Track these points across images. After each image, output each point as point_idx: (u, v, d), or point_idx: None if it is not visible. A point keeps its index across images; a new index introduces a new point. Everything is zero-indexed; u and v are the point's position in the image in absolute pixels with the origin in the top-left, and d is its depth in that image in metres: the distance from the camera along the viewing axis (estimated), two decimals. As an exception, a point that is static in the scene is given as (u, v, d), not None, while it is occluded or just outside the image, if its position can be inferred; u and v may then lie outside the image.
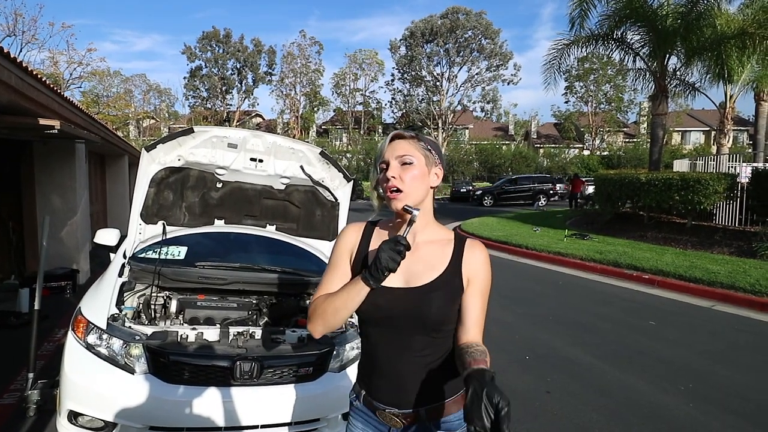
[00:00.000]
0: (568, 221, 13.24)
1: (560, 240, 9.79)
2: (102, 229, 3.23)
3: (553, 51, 12.52)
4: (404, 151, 1.13)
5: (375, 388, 1.16)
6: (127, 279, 2.67)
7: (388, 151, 1.13)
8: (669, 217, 10.25)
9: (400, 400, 1.13)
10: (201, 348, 2.22)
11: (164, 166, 2.89)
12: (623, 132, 40.06)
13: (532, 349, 4.12)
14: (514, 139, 43.65)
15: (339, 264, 1.19)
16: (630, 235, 9.91)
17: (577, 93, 39.30)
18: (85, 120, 6.47)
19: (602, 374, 3.62)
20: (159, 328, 2.36)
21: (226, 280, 2.68)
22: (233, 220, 3.28)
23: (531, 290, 6.46)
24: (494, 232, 11.48)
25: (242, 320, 2.66)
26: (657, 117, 11.67)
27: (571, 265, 7.95)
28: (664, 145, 15.50)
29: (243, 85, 42.84)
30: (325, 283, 1.17)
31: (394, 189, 1.11)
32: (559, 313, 5.27)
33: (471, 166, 37.46)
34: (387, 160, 1.13)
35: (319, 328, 1.12)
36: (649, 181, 9.61)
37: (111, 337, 2.19)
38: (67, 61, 24.91)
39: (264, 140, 2.86)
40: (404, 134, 1.16)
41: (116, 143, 9.44)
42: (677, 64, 12.05)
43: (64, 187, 6.46)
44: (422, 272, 1.13)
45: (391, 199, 1.11)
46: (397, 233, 1.12)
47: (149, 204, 2.99)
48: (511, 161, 36.07)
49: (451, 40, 36.29)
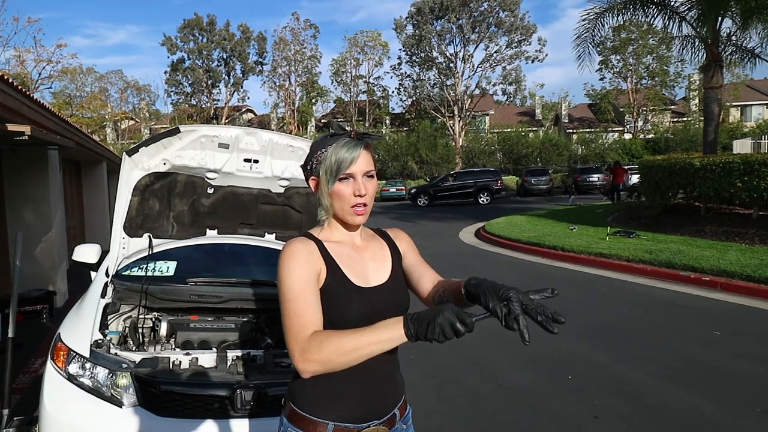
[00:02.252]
0: (609, 217, 13.09)
1: (602, 239, 9.69)
2: (81, 244, 3.28)
3: (585, 21, 12.44)
4: (369, 164, 1.24)
5: (357, 407, 1.20)
6: (110, 300, 2.70)
7: (358, 162, 1.21)
8: (731, 208, 10.07)
9: (386, 406, 1.24)
10: (196, 375, 2.24)
11: (148, 171, 2.93)
12: (670, 110, 39.54)
13: (573, 367, 4.08)
14: (542, 125, 43.40)
15: (311, 291, 1.16)
16: (684, 230, 9.76)
17: (614, 68, 38.92)
18: (57, 124, 6.59)
19: (659, 395, 3.56)
20: (148, 354, 2.38)
21: (222, 298, 2.70)
22: (227, 229, 3.31)
23: (570, 298, 6.39)
24: (524, 232, 11.40)
25: (241, 343, 2.67)
26: (710, 91, 11.49)
27: (615, 268, 7.86)
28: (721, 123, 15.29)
29: (231, 77, 43.37)
30: (303, 315, 1.12)
31: (363, 205, 1.23)
32: (603, 324, 5.21)
33: (493, 157, 37.32)
34: (353, 173, 1.21)
35: (316, 367, 1.07)
36: (704, 166, 9.46)
37: (95, 365, 2.22)
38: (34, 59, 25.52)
39: (259, 138, 2.89)
40: (369, 142, 1.25)
41: (93, 148, 9.60)
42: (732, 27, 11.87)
43: (36, 200, 6.59)
44: (381, 266, 1.31)
45: (357, 215, 1.23)
46: (467, 314, 1.01)
47: (133, 215, 3.03)
48: (539, 150, 35.85)
49: (465, 14, 36.25)
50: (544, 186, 26.39)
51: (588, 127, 40.37)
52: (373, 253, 1.33)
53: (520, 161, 35.93)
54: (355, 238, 1.31)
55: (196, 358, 2.37)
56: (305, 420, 1.20)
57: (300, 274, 1.16)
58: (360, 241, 1.32)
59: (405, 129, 41.81)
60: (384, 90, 45.10)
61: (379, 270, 1.30)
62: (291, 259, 1.17)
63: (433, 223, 16.55)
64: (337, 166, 1.20)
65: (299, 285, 1.15)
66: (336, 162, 1.20)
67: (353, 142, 1.21)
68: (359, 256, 1.29)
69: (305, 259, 1.18)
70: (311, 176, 1.28)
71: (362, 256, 1.30)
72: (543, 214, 15.46)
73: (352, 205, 1.22)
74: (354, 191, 1.22)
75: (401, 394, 1.31)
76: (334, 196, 1.22)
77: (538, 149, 35.91)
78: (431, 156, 35.79)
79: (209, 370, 2.30)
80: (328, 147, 1.22)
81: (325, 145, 1.23)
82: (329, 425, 1.19)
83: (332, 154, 1.21)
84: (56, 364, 2.28)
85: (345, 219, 1.25)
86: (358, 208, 1.23)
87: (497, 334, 4.83)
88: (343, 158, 1.20)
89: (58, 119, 6.66)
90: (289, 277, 1.16)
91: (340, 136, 1.23)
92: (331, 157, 1.21)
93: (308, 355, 1.07)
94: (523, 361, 4.25)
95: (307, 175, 1.30)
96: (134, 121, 42.51)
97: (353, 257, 1.27)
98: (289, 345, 1.11)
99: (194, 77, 42.01)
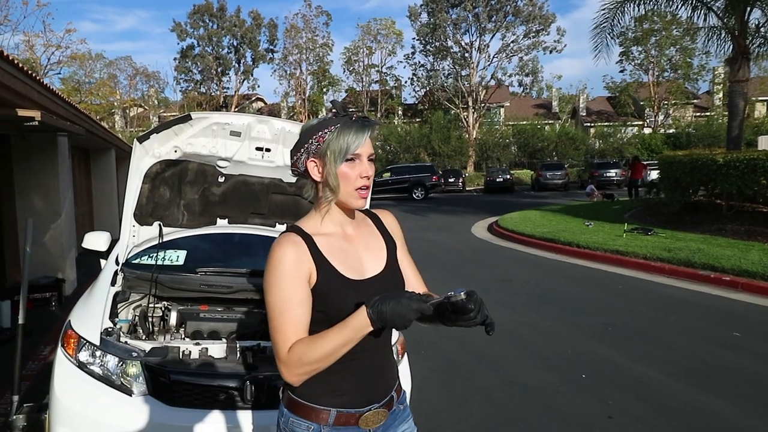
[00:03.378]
0: (627, 213, 12.99)
1: (619, 236, 9.61)
2: (91, 232, 3.32)
3: (605, 10, 12.25)
4: (372, 147, 1.27)
5: (357, 392, 1.24)
6: (120, 288, 2.73)
7: (365, 144, 1.23)
8: (754, 206, 9.91)
9: (386, 389, 1.30)
10: (206, 366, 2.27)
11: (159, 159, 2.95)
12: (693, 104, 38.91)
13: (588, 366, 4.07)
14: (559, 118, 42.98)
15: (301, 296, 1.18)
16: (704, 228, 9.64)
17: (635, 59, 38.32)
18: (67, 110, 6.67)
19: (676, 395, 3.54)
20: (158, 343, 2.42)
21: (232, 288, 2.73)
22: (238, 219, 3.33)
23: (585, 296, 6.38)
24: (538, 228, 11.35)
25: (251, 334, 2.69)
26: (736, 84, 11.28)
27: (632, 266, 7.82)
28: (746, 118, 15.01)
29: (241, 65, 43.42)
30: (287, 331, 1.16)
31: (367, 187, 1.25)
32: (619, 323, 5.19)
33: (508, 150, 37.05)
34: (360, 155, 1.23)
35: (302, 377, 1.16)
36: (727, 162, 9.31)
37: (105, 354, 2.26)
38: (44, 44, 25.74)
39: (271, 126, 2.89)
40: (376, 129, 1.28)
41: (102, 136, 9.70)
42: (761, 18, 11.62)
43: (46, 187, 6.68)
44: (376, 256, 1.32)
45: (361, 198, 1.25)
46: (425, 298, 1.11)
47: (143, 203, 3.05)
48: (555, 144, 35.53)
49: (481, 2, 35.87)
50: (560, 181, 26.27)
51: (606, 120, 39.88)
52: (367, 242, 1.33)
53: (535, 155, 35.65)
54: (347, 228, 1.31)
55: (206, 348, 2.40)
56: (306, 408, 1.23)
57: (286, 286, 1.17)
58: (352, 229, 1.32)
59: (418, 120, 41.63)
60: (397, 80, 44.88)
61: (374, 260, 1.31)
62: (278, 268, 1.18)
63: (445, 216, 16.52)
64: (347, 146, 1.21)
65: (284, 298, 1.17)
66: (346, 142, 1.21)
67: (359, 125, 1.23)
68: (352, 247, 1.29)
69: (293, 267, 1.18)
70: (310, 158, 1.25)
71: (355, 246, 1.30)
72: (558, 210, 15.37)
73: (357, 187, 1.24)
74: (360, 173, 1.23)
75: (395, 377, 1.36)
76: (341, 176, 1.22)
77: (554, 143, 35.60)
78: (444, 148, 35.64)
79: (219, 361, 2.33)
80: (332, 128, 1.22)
81: (327, 126, 1.23)
82: (332, 411, 1.22)
83: (341, 134, 1.21)
84: (67, 351, 2.32)
85: (348, 202, 1.26)
86: (362, 191, 1.25)
87: (509, 332, 4.84)
88: (353, 140, 1.21)
89: (68, 105, 6.73)
90: (275, 286, 1.18)
91: (342, 117, 1.24)
92: (339, 138, 1.21)
93: (293, 369, 1.15)
94: (536, 359, 4.25)
95: (300, 157, 1.27)
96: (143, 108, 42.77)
97: (345, 249, 1.27)
98: (275, 356, 1.18)
99: (204, 64, 42.13)
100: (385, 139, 37.41)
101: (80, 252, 6.18)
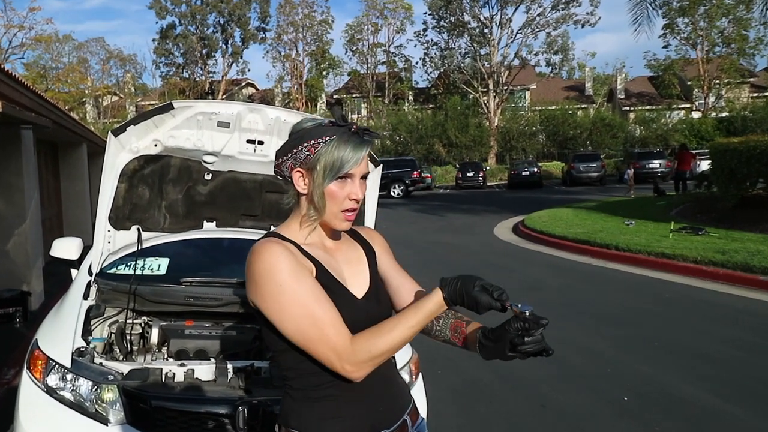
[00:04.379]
0: (673, 210, 12.94)
1: (664, 236, 9.57)
2: (60, 238, 3.34)
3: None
4: (368, 166, 1.31)
5: (360, 418, 1.26)
6: (94, 302, 2.75)
7: (362, 163, 1.27)
8: (821, 201, 9.81)
9: (394, 413, 1.32)
10: (192, 390, 2.27)
11: (137, 154, 2.96)
12: (749, 84, 38.59)
13: (630, 387, 4.04)
14: (594, 102, 42.83)
15: (318, 288, 1.22)
16: (764, 226, 9.57)
17: (681, 33, 38.02)
18: (32, 99, 6.72)
19: (734, 422, 3.50)
20: (137, 364, 2.42)
21: (222, 301, 2.73)
22: (228, 221, 3.34)
23: (626, 306, 6.34)
24: (570, 228, 11.31)
25: (244, 353, 2.70)
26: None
27: (680, 271, 7.78)
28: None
29: (229, 46, 43.72)
30: (334, 316, 1.19)
31: (354, 210, 1.29)
32: (666, 337, 5.16)
33: (535, 140, 36.99)
34: (353, 174, 1.27)
35: (368, 371, 1.19)
36: (790, 150, 9.23)
37: (77, 377, 2.26)
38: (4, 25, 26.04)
39: (264, 116, 2.90)
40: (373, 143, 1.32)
41: (72, 128, 9.78)
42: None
43: (8, 187, 6.74)
44: (357, 270, 1.38)
45: (346, 220, 1.30)
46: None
47: (120, 204, 3.07)
48: (590, 131, 35.47)
49: (503, -31, 35.84)
50: (595, 174, 26.18)
51: (648, 103, 39.71)
52: (348, 256, 1.37)
53: (566, 144, 35.55)
54: (325, 240, 1.36)
55: (192, 369, 2.40)
56: None
57: (296, 286, 1.18)
58: (330, 242, 1.36)
59: (431, 106, 41.67)
60: (406, 61, 45.00)
61: (356, 276, 1.35)
62: (276, 274, 1.18)
63: (464, 216, 16.51)
64: (340, 164, 1.22)
65: (303, 296, 1.18)
66: (339, 159, 1.22)
67: (358, 140, 1.24)
68: (333, 259, 1.33)
69: (294, 265, 1.21)
70: (297, 166, 1.27)
71: (336, 259, 1.34)
72: (593, 207, 15.32)
73: (344, 209, 1.27)
74: (350, 194, 1.26)
75: (408, 399, 1.39)
76: (328, 194, 1.25)
77: (587, 130, 35.51)
78: (461, 138, 35.63)
79: (207, 384, 2.33)
80: (326, 138, 1.23)
81: (322, 135, 1.24)
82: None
83: (335, 148, 1.22)
84: (33, 374, 2.34)
85: (330, 222, 1.30)
86: (348, 213, 1.28)
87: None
88: (348, 157, 1.23)
89: (32, 94, 6.79)
90: (282, 294, 1.18)
91: (339, 128, 1.24)
92: (333, 152, 1.22)
93: (362, 366, 1.18)
94: (569, 378, 4.22)
95: (285, 161, 1.29)
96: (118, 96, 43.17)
97: (329, 262, 1.31)
98: (327, 357, 1.18)
99: (187, 46, 42.44)
100: (393, 128, 37.44)
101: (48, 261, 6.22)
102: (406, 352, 2.58)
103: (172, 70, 43.93)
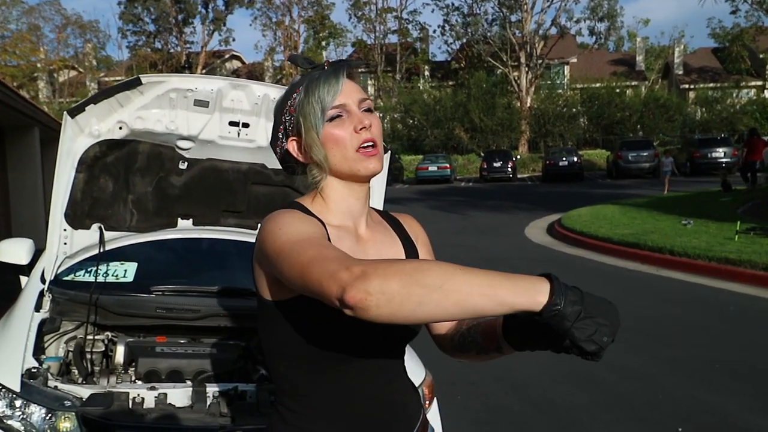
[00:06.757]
0: (740, 208, 12.99)
1: (728, 239, 9.57)
2: (7, 239, 3.36)
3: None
4: (361, 91, 1.27)
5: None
6: (48, 315, 2.75)
7: (346, 90, 1.23)
8: None
9: (406, 426, 1.32)
10: (164, 418, 2.27)
11: (98, 138, 2.96)
12: (833, 57, 38.24)
13: (687, 416, 4.03)
14: (646, 78, 42.66)
15: (322, 234, 1.18)
16: None
17: (752, -4, 37.78)
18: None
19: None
20: (99, 388, 2.42)
21: (199, 313, 2.73)
22: (206, 219, 3.35)
23: (681, 321, 6.34)
24: (616, 228, 11.32)
25: (226, 374, 2.70)
26: None
27: (747, 279, 7.76)
28: None
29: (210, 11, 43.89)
30: (332, 247, 1.09)
31: (372, 143, 1.23)
32: (731, 358, 5.14)
33: (575, 123, 36.88)
34: (345, 104, 1.23)
35: (371, 309, 0.94)
36: None
37: (28, 403, 2.26)
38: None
39: (250, 93, 2.90)
40: (355, 70, 1.29)
41: (21, 109, 9.84)
42: None
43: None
44: None
45: (368, 156, 1.23)
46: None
47: (78, 198, 3.08)
48: (641, 113, 35.35)
49: None
50: (647, 164, 26.13)
51: (712, 81, 39.53)
52: (382, 250, 1.34)
53: (612, 129, 35.46)
54: (359, 224, 1.33)
55: (165, 394, 2.40)
56: None
57: (305, 223, 1.17)
58: (365, 229, 1.34)
59: (451, 83, 41.70)
60: (422, 29, 44.97)
61: None
62: (285, 225, 1.15)
63: (490, 214, 16.51)
64: (320, 100, 1.22)
65: (308, 232, 1.13)
66: (317, 98, 1.22)
67: (331, 68, 1.25)
68: (361, 250, 1.28)
69: (305, 219, 1.20)
70: (291, 137, 1.28)
71: (365, 251, 1.30)
72: (643, 204, 15.34)
73: (358, 145, 1.23)
74: (355, 126, 1.22)
75: (419, 409, 1.41)
76: (328, 142, 1.23)
77: (638, 112, 35.45)
78: (487, 121, 35.64)
79: (182, 411, 2.33)
80: (299, 90, 1.25)
81: (294, 90, 1.27)
82: None
83: (309, 90, 1.23)
84: (-23, 399, 2.34)
85: (354, 170, 1.24)
86: (367, 149, 1.23)
87: (580, 371, 4.80)
88: (324, 91, 1.22)
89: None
90: (293, 219, 1.17)
91: (308, 73, 1.26)
92: (309, 95, 1.23)
93: (364, 288, 0.93)
94: (616, 407, 4.22)
95: (282, 147, 1.31)
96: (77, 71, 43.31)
97: (355, 251, 1.22)
98: (325, 275, 0.99)
99: (159, 10, 42.61)
100: (406, 109, 37.48)
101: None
102: (418, 372, 2.56)
103: (142, 39, 44.19)
